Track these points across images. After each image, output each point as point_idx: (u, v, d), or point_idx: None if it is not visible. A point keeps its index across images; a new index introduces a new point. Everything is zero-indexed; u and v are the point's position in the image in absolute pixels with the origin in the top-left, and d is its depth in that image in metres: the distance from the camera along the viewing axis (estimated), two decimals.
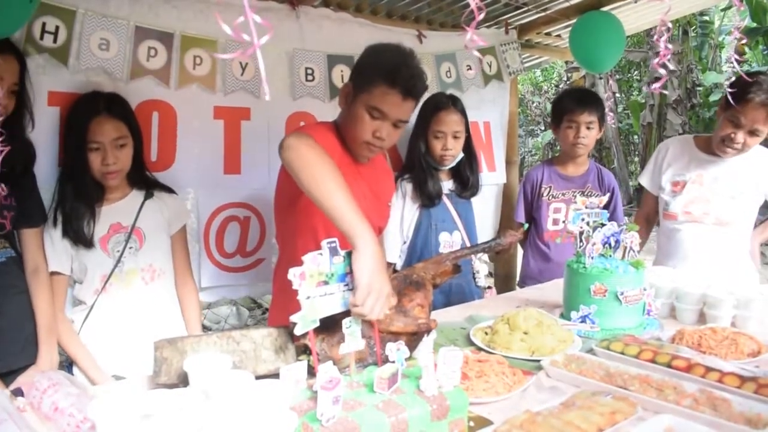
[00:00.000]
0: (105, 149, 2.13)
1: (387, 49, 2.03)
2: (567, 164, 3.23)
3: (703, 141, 2.87)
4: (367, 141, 1.99)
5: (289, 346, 1.53)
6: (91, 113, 2.13)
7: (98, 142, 2.12)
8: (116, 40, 2.37)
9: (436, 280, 1.80)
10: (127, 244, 2.22)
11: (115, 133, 2.15)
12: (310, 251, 2.09)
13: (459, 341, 1.90)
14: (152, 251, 2.29)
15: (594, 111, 3.08)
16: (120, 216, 2.24)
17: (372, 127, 1.97)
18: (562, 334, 1.83)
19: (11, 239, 2.05)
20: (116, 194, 2.26)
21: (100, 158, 2.13)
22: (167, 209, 2.36)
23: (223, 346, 1.47)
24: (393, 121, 1.98)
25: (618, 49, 3.30)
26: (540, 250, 3.22)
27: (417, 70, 2.00)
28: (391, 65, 1.94)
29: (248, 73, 2.69)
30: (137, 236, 2.26)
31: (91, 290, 2.20)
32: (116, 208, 2.24)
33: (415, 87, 1.97)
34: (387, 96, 1.93)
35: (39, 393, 1.35)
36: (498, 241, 1.98)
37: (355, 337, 1.42)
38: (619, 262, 2.04)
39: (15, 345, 2.00)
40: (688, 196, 2.80)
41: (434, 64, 3.30)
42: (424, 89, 2.05)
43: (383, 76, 1.92)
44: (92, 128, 2.11)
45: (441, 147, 2.77)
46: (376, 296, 1.43)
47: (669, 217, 2.85)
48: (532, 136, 18.34)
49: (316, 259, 1.38)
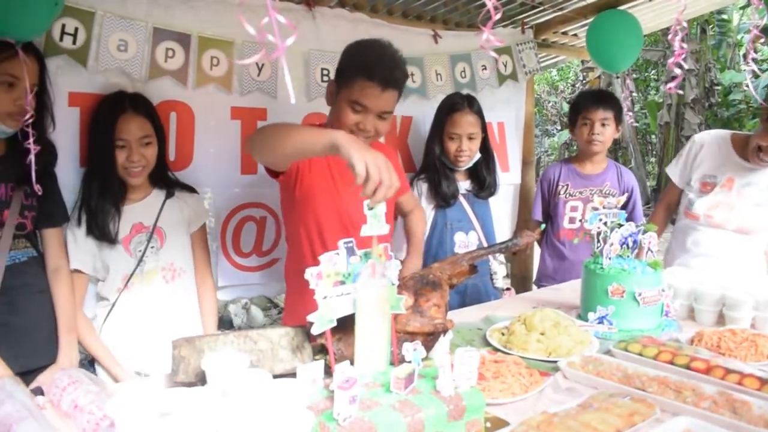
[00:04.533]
0: (131, 147, 2.16)
1: (364, 45, 2.08)
2: (585, 162, 3.22)
3: (740, 142, 2.73)
4: (352, 132, 2.00)
5: (306, 345, 1.54)
6: (117, 111, 2.17)
7: (124, 139, 2.15)
8: (134, 41, 2.39)
9: (453, 280, 1.80)
10: (148, 244, 2.25)
11: (141, 131, 2.18)
12: (304, 250, 2.12)
13: (475, 342, 1.90)
14: (173, 250, 2.32)
15: (609, 108, 3.08)
16: (141, 216, 2.26)
17: (354, 120, 2.01)
18: (579, 335, 1.82)
19: (33, 239, 2.07)
20: (138, 194, 2.28)
21: (125, 155, 2.16)
22: (187, 208, 2.38)
23: (241, 345, 1.48)
24: (376, 113, 2.01)
25: (635, 48, 3.28)
26: (556, 248, 3.21)
27: (394, 60, 2.03)
28: (368, 59, 2.00)
29: (265, 74, 2.70)
30: (158, 236, 2.28)
31: (113, 288, 2.23)
32: (138, 207, 2.27)
33: (393, 77, 2.00)
34: (366, 89, 1.97)
35: (59, 391, 1.36)
36: (515, 242, 1.97)
37: (379, 219, 1.42)
38: (636, 263, 2.03)
39: (35, 344, 2.02)
40: (714, 199, 2.72)
41: (449, 64, 3.30)
42: (404, 78, 2.08)
43: (361, 71, 1.97)
44: (119, 126, 2.15)
45: (456, 149, 2.77)
46: (374, 163, 1.43)
47: (690, 216, 2.79)
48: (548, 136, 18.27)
49: (333, 259, 1.38)
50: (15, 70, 1.81)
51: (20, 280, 1.99)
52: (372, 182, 1.42)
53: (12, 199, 1.96)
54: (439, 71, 3.26)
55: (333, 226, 2.10)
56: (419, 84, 3.20)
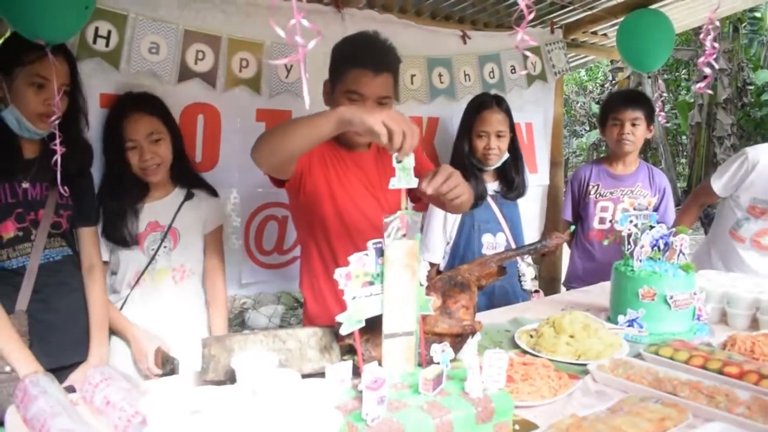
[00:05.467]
0: (141, 146, 2.18)
1: (351, 38, 2.08)
2: (615, 163, 3.20)
3: None
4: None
5: (334, 345, 1.54)
6: (123, 113, 2.20)
7: (134, 140, 2.18)
8: (165, 43, 2.43)
9: (481, 281, 1.79)
10: (162, 243, 2.27)
11: (148, 129, 2.20)
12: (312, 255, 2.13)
13: (503, 344, 1.89)
14: (185, 251, 2.33)
15: (639, 108, 3.05)
16: (158, 215, 2.29)
17: None
18: (609, 338, 1.80)
19: (68, 238, 2.11)
20: (159, 192, 2.31)
21: (137, 156, 2.19)
22: (204, 210, 2.39)
23: (270, 345, 1.49)
24: (374, 100, 1.98)
25: (667, 47, 3.24)
26: (586, 249, 3.19)
27: (384, 46, 2.03)
28: (357, 48, 2.00)
29: (293, 76, 2.72)
30: (172, 236, 2.30)
31: (123, 283, 2.27)
32: (156, 206, 2.29)
33: (384, 60, 2.00)
34: (359, 77, 1.95)
35: (91, 387, 1.38)
36: (544, 243, 1.95)
37: (408, 172, 1.42)
38: (668, 265, 2.00)
39: (67, 341, 2.06)
40: (763, 224, 2.66)
41: (478, 64, 3.29)
42: (396, 61, 2.06)
43: (351, 61, 1.97)
44: (127, 128, 2.18)
45: (484, 146, 2.75)
46: (389, 117, 1.45)
47: (736, 238, 2.73)
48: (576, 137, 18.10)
49: (362, 260, 1.38)
50: (45, 72, 1.84)
51: (55, 278, 2.03)
52: (397, 135, 1.43)
53: (47, 198, 2.00)
54: (468, 72, 3.25)
55: (337, 231, 2.10)
56: (447, 85, 3.19)
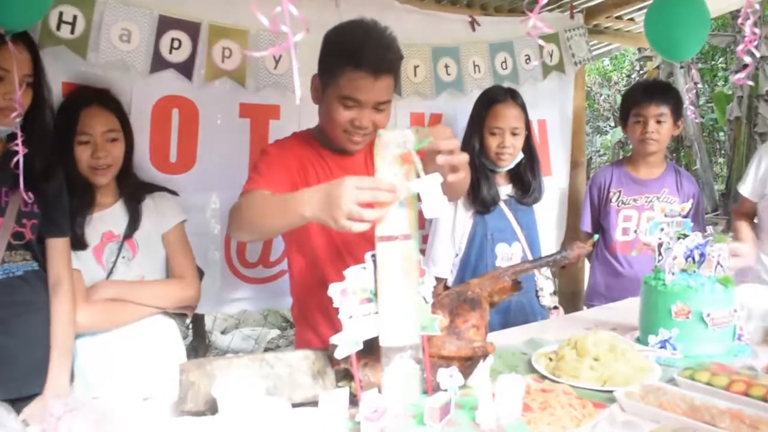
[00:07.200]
0: (95, 143, 2.19)
1: (346, 28, 2.03)
2: (639, 165, 3.19)
3: None
4: (346, 131, 2.01)
5: (328, 370, 1.54)
6: (81, 104, 2.21)
7: (88, 134, 2.19)
8: (138, 30, 2.44)
9: (494, 297, 1.79)
10: (119, 254, 2.28)
11: (106, 126, 2.22)
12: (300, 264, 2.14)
13: (519, 368, 1.89)
14: (145, 261, 2.34)
15: (664, 102, 3.05)
16: (112, 224, 2.29)
17: (347, 118, 1.99)
18: (638, 361, 1.80)
19: (34, 250, 2.05)
20: (107, 199, 2.31)
21: (89, 152, 2.19)
22: (160, 210, 2.40)
23: (256, 370, 1.49)
24: (371, 106, 1.98)
25: (701, 33, 3.23)
26: (608, 263, 3.19)
27: (385, 40, 1.99)
28: (353, 44, 1.95)
29: (282, 66, 2.73)
30: (130, 246, 2.31)
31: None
32: (107, 214, 2.30)
33: (385, 61, 1.96)
34: (356, 81, 1.93)
35: (54, 419, 1.38)
36: (564, 255, 1.95)
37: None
38: (704, 279, 2.00)
39: (23, 369, 1.99)
40: None
41: (488, 54, 3.30)
42: (398, 59, 2.04)
43: (346, 60, 1.93)
44: (82, 120, 2.19)
45: (497, 145, 2.75)
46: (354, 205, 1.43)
47: None
48: (599, 134, 18.10)
49: (360, 274, 1.38)
50: (5, 63, 1.81)
51: (14, 296, 1.98)
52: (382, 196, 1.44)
53: (8, 205, 1.95)
54: (477, 62, 3.26)
55: (327, 242, 2.11)
56: (454, 77, 3.20)
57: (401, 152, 1.44)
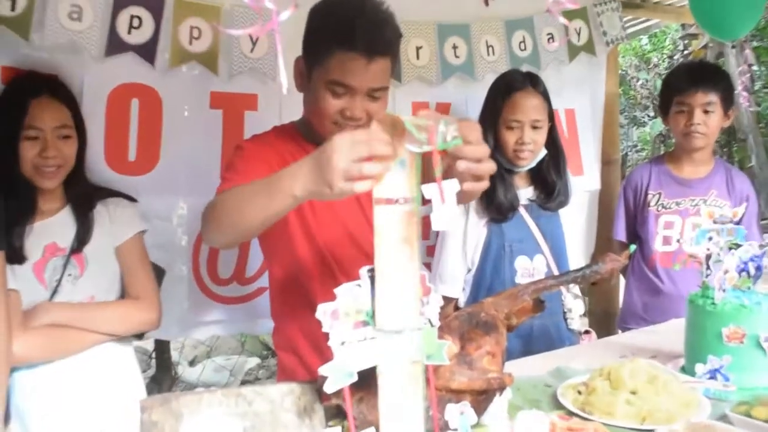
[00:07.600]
0: (45, 139, 2.20)
1: (335, 2, 2.03)
2: (682, 163, 3.20)
3: None
4: (336, 122, 2.01)
5: (317, 407, 1.54)
6: (29, 93, 2.20)
7: (37, 128, 2.19)
8: (90, 6, 2.45)
9: (512, 320, 1.80)
10: (65, 271, 2.28)
11: (59, 120, 2.23)
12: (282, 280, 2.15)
13: (542, 402, 1.89)
14: (96, 278, 2.34)
15: (712, 89, 3.05)
16: (57, 235, 2.29)
17: (337, 107, 1.99)
18: (683, 394, 1.81)
19: None
20: (51, 205, 2.32)
21: (37, 149, 2.19)
22: (114, 218, 2.40)
23: (231, 407, 1.49)
24: (365, 92, 1.99)
25: (756, 7, 3.26)
26: (646, 279, 3.19)
27: (380, 15, 2.00)
28: (343, 21, 1.95)
29: (260, 50, 2.74)
30: (77, 261, 2.31)
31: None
32: (52, 224, 2.30)
33: (381, 39, 1.97)
34: (347, 64, 1.94)
35: None
36: (595, 269, 1.96)
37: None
38: (761, 297, 2.00)
39: None
40: None
41: (504, 33, 3.32)
42: (397, 39, 2.06)
43: (336, 40, 1.94)
44: (32, 112, 2.18)
45: (516, 141, 2.75)
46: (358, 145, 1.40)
47: None
48: (637, 126, 18.12)
49: (353, 292, 1.38)
50: None
51: None
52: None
53: None
54: (491, 42, 3.28)
55: (315, 263, 2.12)
56: (464, 60, 3.21)
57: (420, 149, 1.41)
